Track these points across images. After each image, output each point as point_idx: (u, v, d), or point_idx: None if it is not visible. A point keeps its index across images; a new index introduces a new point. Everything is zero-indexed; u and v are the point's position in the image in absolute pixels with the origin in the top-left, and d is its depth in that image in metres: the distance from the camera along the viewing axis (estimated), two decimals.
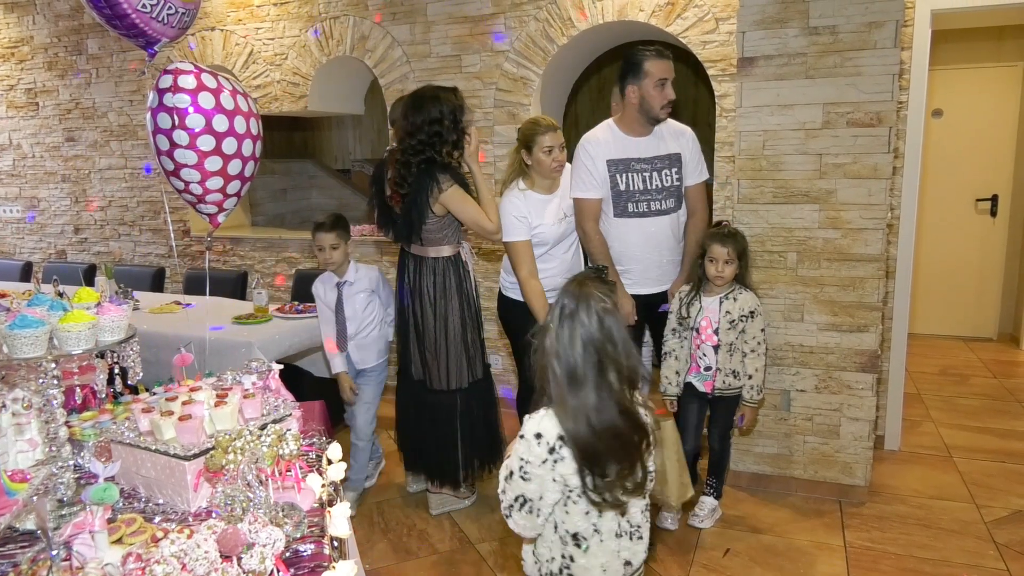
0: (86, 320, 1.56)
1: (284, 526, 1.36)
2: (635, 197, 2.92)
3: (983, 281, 5.50)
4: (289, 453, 1.46)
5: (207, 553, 1.18)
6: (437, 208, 2.79)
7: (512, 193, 2.88)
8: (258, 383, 1.84)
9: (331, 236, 2.99)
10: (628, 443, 1.49)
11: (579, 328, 1.47)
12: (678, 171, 2.95)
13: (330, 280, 3.09)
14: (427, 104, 2.77)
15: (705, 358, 2.85)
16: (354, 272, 3.09)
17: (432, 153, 2.77)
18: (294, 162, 7.00)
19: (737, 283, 2.81)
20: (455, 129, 2.80)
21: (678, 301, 2.88)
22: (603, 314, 1.48)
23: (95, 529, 1.28)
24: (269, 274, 5.05)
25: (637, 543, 1.60)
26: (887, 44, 2.87)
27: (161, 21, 2.35)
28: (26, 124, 5.80)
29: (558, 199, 2.91)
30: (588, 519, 1.53)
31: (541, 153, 2.79)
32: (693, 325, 2.84)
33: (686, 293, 2.86)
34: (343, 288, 3.06)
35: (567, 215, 2.92)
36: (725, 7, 3.52)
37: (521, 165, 2.87)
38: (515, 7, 3.98)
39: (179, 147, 2.32)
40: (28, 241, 6.07)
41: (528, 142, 2.81)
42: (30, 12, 5.55)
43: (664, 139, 2.94)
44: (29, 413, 1.53)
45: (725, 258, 2.74)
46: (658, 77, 2.79)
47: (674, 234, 3.00)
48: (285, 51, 4.64)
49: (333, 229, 3.00)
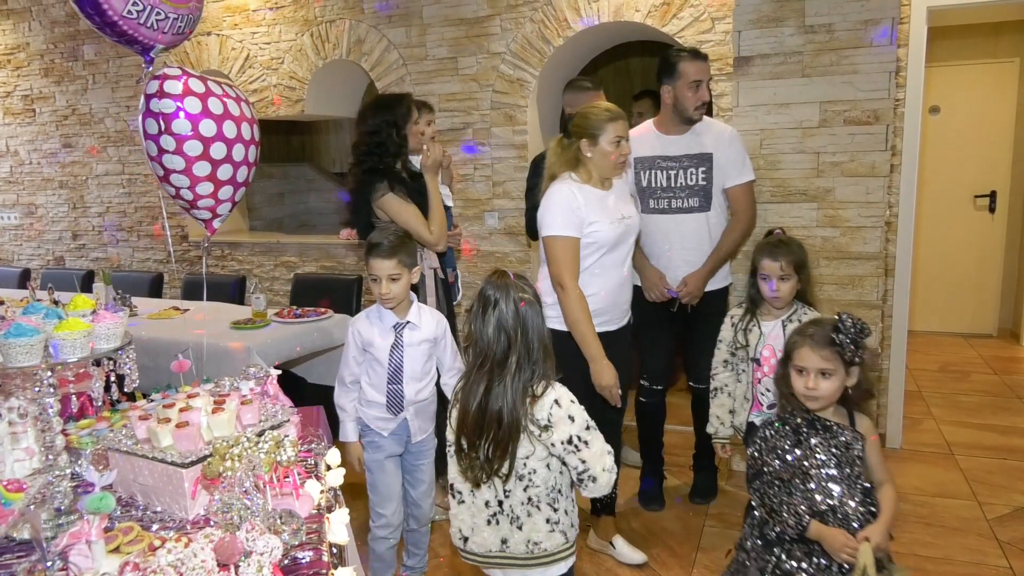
0: (81, 328, 1.55)
1: (282, 533, 1.35)
2: (656, 194, 2.90)
3: (982, 277, 5.50)
4: (287, 459, 1.45)
5: (204, 562, 1.17)
6: (379, 213, 2.80)
7: (564, 182, 2.43)
8: (256, 389, 1.83)
9: (390, 264, 2.20)
10: (506, 431, 1.64)
11: (495, 314, 1.66)
12: (706, 171, 2.87)
13: (385, 320, 2.28)
14: (368, 116, 2.84)
15: (768, 394, 2.36)
16: (417, 314, 2.30)
17: (373, 162, 2.80)
18: (291, 166, 6.99)
19: (798, 301, 2.36)
20: (396, 137, 2.81)
21: (730, 328, 2.45)
22: (518, 304, 1.66)
23: (91, 538, 1.27)
24: (268, 278, 5.04)
25: (516, 531, 1.71)
26: (883, 42, 2.87)
27: (150, 27, 2.34)
28: (23, 131, 5.79)
29: (614, 197, 2.52)
30: (463, 477, 1.72)
31: (608, 144, 2.38)
32: (753, 355, 2.39)
33: (739, 318, 2.43)
34: (403, 333, 2.28)
35: (625, 216, 2.50)
36: (721, 6, 3.52)
37: (575, 158, 2.45)
38: (511, 8, 3.98)
39: (167, 152, 2.31)
40: (26, 248, 6.06)
41: (592, 130, 2.40)
42: (26, 19, 5.55)
43: (700, 138, 2.88)
44: (25, 422, 1.53)
45: (779, 273, 2.28)
46: (692, 78, 2.77)
47: (701, 234, 2.90)
48: (281, 55, 4.64)
49: (393, 255, 2.20)
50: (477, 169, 4.24)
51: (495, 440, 1.64)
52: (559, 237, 2.37)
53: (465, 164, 4.23)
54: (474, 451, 1.66)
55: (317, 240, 4.95)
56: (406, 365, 2.29)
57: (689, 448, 3.23)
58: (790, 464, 1.81)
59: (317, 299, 3.84)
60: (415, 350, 2.30)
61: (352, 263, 4.75)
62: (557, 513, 1.72)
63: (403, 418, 2.33)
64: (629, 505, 3.15)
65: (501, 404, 1.63)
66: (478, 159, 4.22)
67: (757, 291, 2.37)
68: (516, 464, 1.66)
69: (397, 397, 2.30)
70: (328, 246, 4.82)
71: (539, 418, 1.64)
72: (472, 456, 1.67)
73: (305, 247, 4.90)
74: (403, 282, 2.23)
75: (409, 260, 2.25)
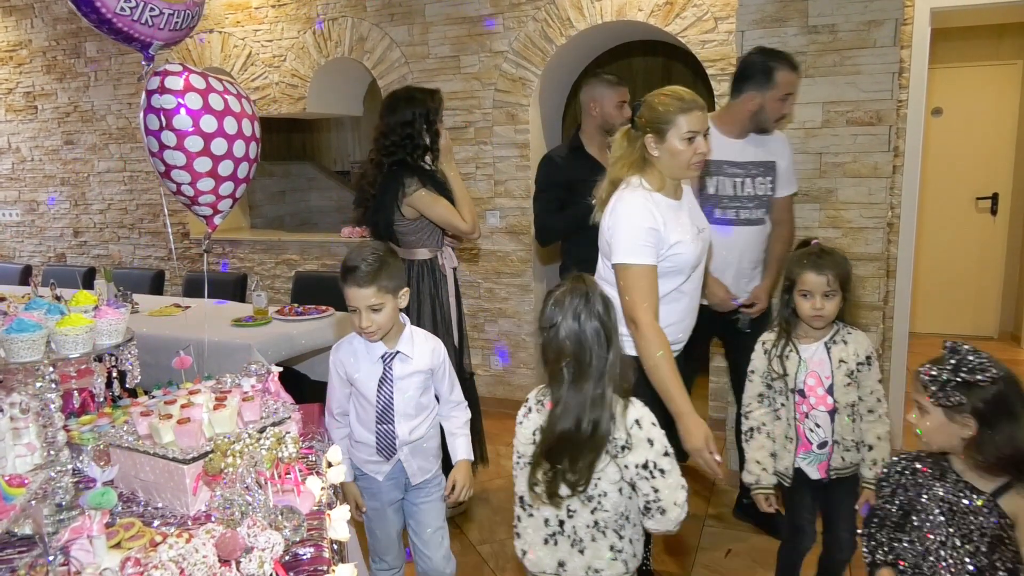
0: (83, 324, 1.55)
1: (283, 529, 1.35)
2: (723, 203, 2.67)
3: (984, 280, 5.50)
4: (288, 456, 1.45)
5: (205, 558, 1.17)
6: (406, 211, 2.74)
7: (635, 193, 1.99)
8: (257, 386, 1.83)
9: (369, 293, 1.84)
10: (590, 445, 1.56)
11: (587, 318, 1.56)
12: (772, 180, 2.70)
13: (371, 349, 1.95)
14: (400, 106, 2.76)
15: (818, 430, 2.02)
16: (410, 342, 1.97)
17: (404, 155, 2.74)
18: (293, 164, 6.99)
19: (838, 320, 2.05)
20: (428, 132, 2.76)
21: (763, 356, 2.09)
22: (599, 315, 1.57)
23: (93, 534, 1.27)
24: (268, 276, 5.04)
25: (576, 555, 1.63)
26: (887, 42, 2.86)
27: (144, 23, 2.33)
28: (25, 128, 5.79)
29: (687, 206, 2.12)
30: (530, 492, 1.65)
31: (679, 141, 1.96)
32: (794, 386, 2.03)
33: (772, 343, 2.08)
34: (392, 365, 1.95)
35: (702, 229, 2.11)
36: (724, 6, 3.52)
37: (640, 157, 2.03)
38: (513, 7, 3.98)
39: (168, 148, 2.31)
40: (28, 244, 6.06)
41: (659, 123, 1.97)
42: (28, 16, 5.55)
43: (767, 145, 2.69)
44: (27, 417, 1.53)
45: (824, 289, 1.96)
46: (785, 91, 2.60)
47: (761, 247, 2.75)
48: (283, 52, 4.64)
49: (373, 281, 1.83)
50: (479, 168, 4.24)
51: (579, 454, 1.55)
52: (633, 266, 1.94)
53: (467, 163, 4.23)
54: (557, 464, 1.57)
55: (318, 238, 4.95)
56: (397, 402, 1.96)
57: None
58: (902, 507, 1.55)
59: (318, 297, 3.84)
60: (407, 383, 1.96)
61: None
62: (622, 541, 1.62)
63: (397, 460, 2.03)
64: None
65: (585, 417, 1.54)
66: (480, 158, 4.22)
67: (793, 311, 2.03)
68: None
69: (388, 438, 1.98)
70: (329, 244, 4.82)
71: (617, 437, 1.56)
72: (555, 470, 1.57)
73: (306, 245, 4.91)
74: (387, 311, 1.87)
75: (393, 283, 1.88)
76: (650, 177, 2.02)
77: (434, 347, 2.03)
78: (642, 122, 2.00)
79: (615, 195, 2.03)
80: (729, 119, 2.68)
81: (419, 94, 2.81)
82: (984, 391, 1.41)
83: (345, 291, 1.87)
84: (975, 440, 1.43)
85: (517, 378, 4.32)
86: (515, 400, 4.29)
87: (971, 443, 1.44)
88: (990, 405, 1.41)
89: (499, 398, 4.33)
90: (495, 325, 4.33)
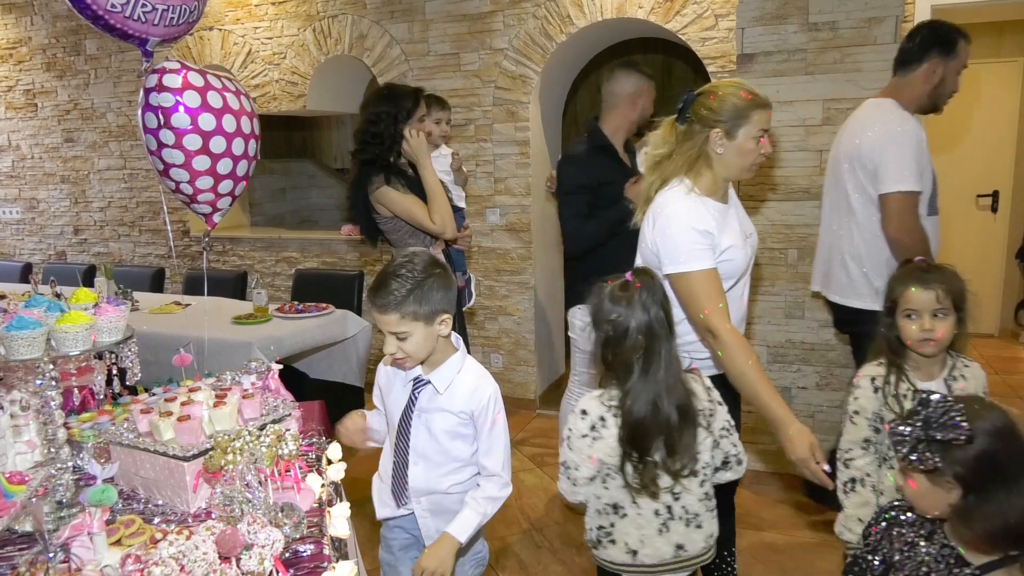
0: (84, 321, 1.55)
1: (283, 527, 1.35)
2: (936, 192, 2.51)
3: (984, 277, 5.49)
4: (288, 453, 1.45)
5: (206, 554, 1.17)
6: (379, 208, 2.72)
7: (688, 197, 1.83)
8: (257, 383, 1.83)
9: (393, 319, 1.56)
10: (683, 424, 1.59)
11: (660, 309, 1.59)
12: None
13: (403, 372, 1.70)
14: (371, 103, 2.76)
15: None
16: (449, 373, 1.66)
17: (370, 154, 2.72)
18: (293, 161, 6.99)
19: (951, 349, 1.76)
20: (394, 130, 2.69)
21: (872, 393, 1.77)
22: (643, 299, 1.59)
23: (93, 531, 1.28)
24: (269, 274, 5.04)
25: (694, 531, 1.65)
26: (887, 40, 2.86)
27: (137, 19, 2.32)
28: (25, 125, 5.79)
29: (734, 208, 1.97)
30: (627, 492, 1.63)
31: (749, 139, 1.82)
32: None
33: (883, 379, 1.77)
34: (418, 393, 1.68)
35: (749, 234, 1.98)
36: (724, 3, 3.51)
37: (697, 154, 1.86)
38: (513, 4, 3.97)
39: (166, 146, 2.31)
40: (28, 242, 6.06)
41: (730, 118, 1.81)
42: (28, 13, 5.54)
43: None
44: (27, 415, 1.53)
45: (933, 306, 1.67)
46: (963, 63, 2.43)
47: None
48: (283, 50, 4.63)
49: (399, 307, 1.55)
50: (479, 165, 4.24)
51: (674, 441, 1.58)
52: (693, 273, 1.79)
53: (467, 160, 4.23)
54: (648, 457, 1.58)
55: (318, 236, 4.95)
56: (415, 439, 1.67)
57: None
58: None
59: (318, 295, 3.84)
60: (433, 420, 1.66)
61: (353, 259, 4.75)
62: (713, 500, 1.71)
63: (411, 512, 1.73)
64: None
65: (664, 404, 1.57)
66: (480, 155, 4.22)
67: (898, 337, 1.74)
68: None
69: (399, 479, 1.69)
70: (329, 242, 4.82)
71: (702, 408, 1.63)
72: (645, 463, 1.59)
73: (306, 243, 4.90)
74: (417, 339, 1.57)
75: (425, 309, 1.56)
76: (701, 178, 1.85)
77: (477, 388, 1.66)
78: (706, 115, 1.82)
79: (659, 199, 1.86)
80: (907, 97, 2.41)
81: (392, 92, 2.77)
82: (962, 451, 1.16)
83: (372, 312, 1.61)
84: (958, 510, 1.19)
85: (518, 376, 4.33)
86: (515, 398, 4.30)
87: (955, 512, 1.20)
88: (972, 468, 1.16)
89: None
90: (495, 323, 4.33)
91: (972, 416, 1.15)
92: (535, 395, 4.32)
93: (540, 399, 4.37)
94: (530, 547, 2.85)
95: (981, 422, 1.16)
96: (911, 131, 2.34)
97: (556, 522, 3.03)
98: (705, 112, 1.83)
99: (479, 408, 1.65)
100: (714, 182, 1.87)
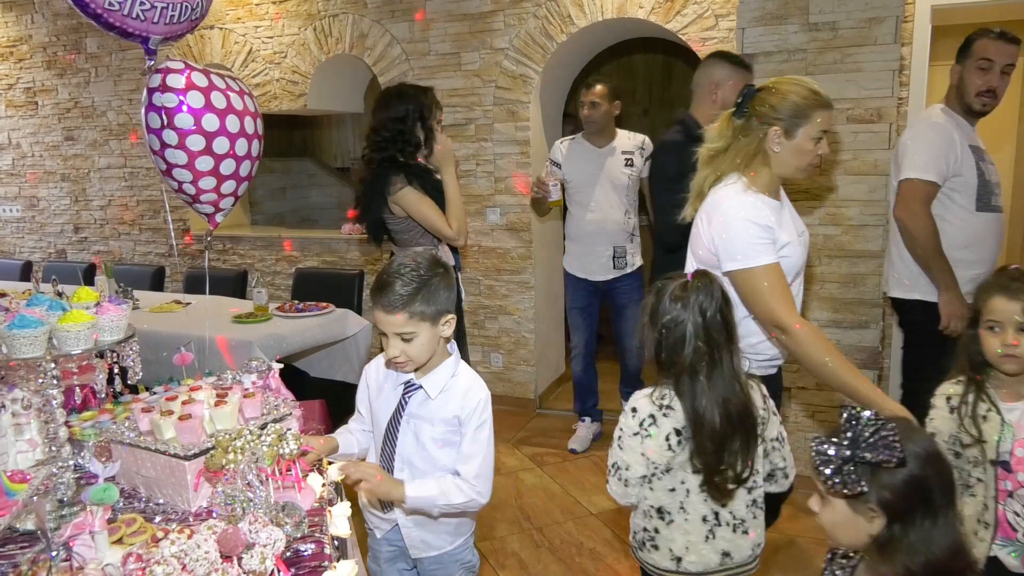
0: (85, 320, 1.55)
1: (284, 526, 1.36)
2: (995, 190, 2.58)
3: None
4: (289, 452, 1.46)
5: (207, 553, 1.17)
6: (394, 209, 2.72)
7: (746, 194, 1.79)
8: (258, 382, 1.83)
9: (400, 320, 1.52)
10: (745, 430, 1.55)
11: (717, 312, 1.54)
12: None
13: (397, 374, 1.66)
14: (393, 102, 2.74)
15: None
16: (442, 378, 1.62)
17: (394, 151, 2.71)
18: (293, 160, 6.99)
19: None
20: (423, 128, 2.73)
21: (948, 413, 1.66)
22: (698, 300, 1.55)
23: (95, 529, 1.28)
24: (269, 272, 5.05)
25: (741, 537, 1.62)
26: (887, 40, 2.86)
27: (136, 17, 2.31)
28: (25, 123, 5.79)
29: (787, 206, 1.95)
30: (674, 496, 1.60)
31: (808, 140, 1.77)
32: (995, 457, 1.60)
33: (959, 397, 1.65)
34: (408, 398, 1.65)
35: (801, 232, 1.96)
36: (724, 3, 3.51)
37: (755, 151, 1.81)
38: (514, 4, 3.97)
39: (169, 147, 2.31)
40: (28, 240, 6.06)
41: (795, 117, 1.76)
42: (28, 11, 5.54)
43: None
44: (28, 413, 1.53)
45: (1019, 320, 1.55)
46: (981, 55, 2.51)
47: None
48: (284, 49, 4.63)
49: (406, 306, 1.51)
50: (479, 165, 4.24)
51: (738, 444, 1.54)
52: (756, 268, 1.73)
53: (467, 160, 4.23)
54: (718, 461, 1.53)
55: (319, 235, 4.95)
56: (402, 445, 1.62)
57: None
58: None
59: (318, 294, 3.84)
60: (422, 427, 1.61)
61: (354, 258, 4.76)
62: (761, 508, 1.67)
63: (395, 522, 1.68)
64: None
65: (732, 407, 1.53)
66: (480, 155, 4.22)
67: (981, 353, 1.60)
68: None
69: None
70: (330, 241, 4.82)
71: (758, 416, 1.59)
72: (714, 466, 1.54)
73: (306, 242, 4.91)
74: (422, 340, 1.53)
75: (432, 308, 1.53)
76: (758, 175, 1.80)
77: (469, 390, 1.61)
78: (765, 112, 1.77)
79: (714, 195, 1.82)
80: (949, 101, 2.65)
81: (411, 90, 2.78)
82: (891, 475, 1.06)
83: (374, 312, 1.56)
84: (879, 541, 1.09)
85: (517, 375, 4.33)
86: (515, 397, 4.31)
87: (875, 544, 1.10)
88: (900, 493, 1.06)
89: (499, 395, 4.33)
90: (495, 322, 4.34)
91: (904, 438, 1.06)
92: (535, 395, 4.33)
93: (540, 399, 4.37)
94: (530, 546, 2.86)
95: (912, 445, 1.07)
96: (940, 126, 2.49)
97: (556, 521, 3.03)
98: (765, 109, 1.78)
99: (468, 410, 1.60)
100: (771, 179, 1.83)
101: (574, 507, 3.14)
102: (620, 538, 2.88)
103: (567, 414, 4.13)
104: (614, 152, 3.60)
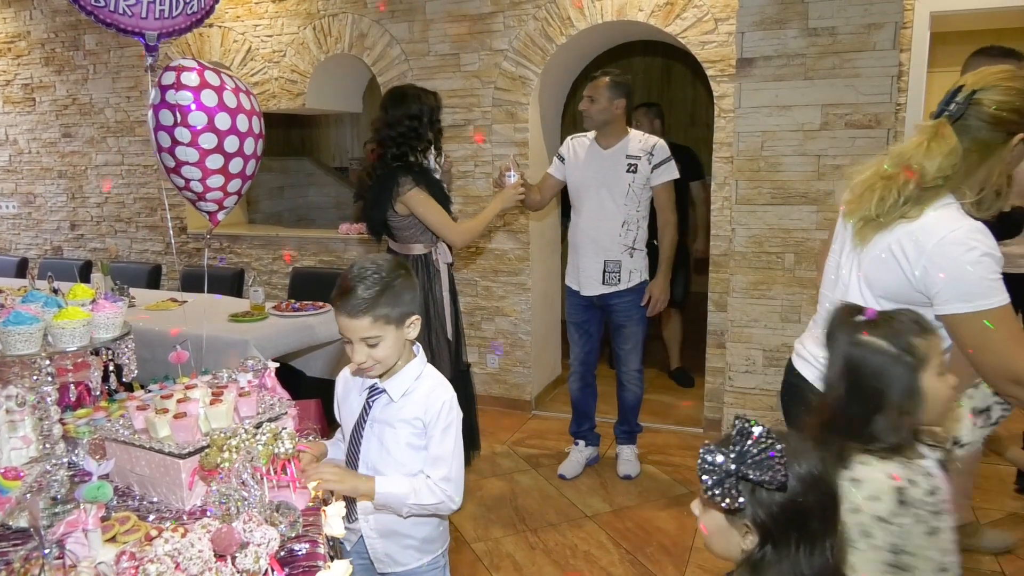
0: (81, 317, 1.55)
1: (279, 525, 1.35)
2: None
3: None
4: (284, 452, 1.45)
5: (201, 552, 1.17)
6: (399, 207, 2.77)
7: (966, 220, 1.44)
8: (254, 381, 1.83)
9: (364, 324, 1.49)
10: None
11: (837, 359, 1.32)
12: None
13: (360, 379, 1.66)
14: (408, 100, 2.79)
15: None
16: (405, 381, 1.59)
17: (406, 148, 2.77)
18: (291, 160, 6.99)
19: None
20: (432, 128, 2.83)
21: None
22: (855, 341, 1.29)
23: (88, 527, 1.28)
24: (266, 271, 5.04)
25: None
26: (886, 46, 2.87)
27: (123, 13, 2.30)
28: (23, 120, 5.78)
29: None
30: None
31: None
32: None
33: None
34: (374, 401, 1.62)
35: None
36: (724, 7, 3.52)
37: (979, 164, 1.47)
38: (514, 6, 3.98)
39: (180, 144, 2.31)
40: (24, 237, 6.05)
41: None
42: (27, 7, 5.53)
43: None
44: (23, 410, 1.53)
45: None
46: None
47: None
48: (283, 48, 4.63)
49: (370, 309, 1.48)
50: (478, 166, 4.24)
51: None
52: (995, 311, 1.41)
53: (465, 161, 4.23)
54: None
55: (316, 234, 4.94)
56: (365, 450, 1.59)
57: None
58: None
59: (315, 293, 3.84)
60: (385, 432, 1.58)
61: (351, 257, 4.75)
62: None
63: (360, 534, 1.64)
64: (624, 504, 3.16)
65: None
66: (479, 156, 4.22)
67: None
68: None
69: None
70: (327, 240, 4.81)
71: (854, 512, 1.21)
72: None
73: (304, 241, 4.90)
74: (388, 343, 1.51)
75: (397, 311, 1.50)
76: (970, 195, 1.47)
77: (431, 392, 1.58)
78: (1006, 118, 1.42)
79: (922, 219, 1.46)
80: None
81: (423, 92, 2.86)
82: (769, 495, 1.01)
83: (337, 317, 1.51)
84: (750, 560, 1.04)
85: (513, 376, 4.33)
86: (510, 398, 4.31)
87: (746, 562, 1.05)
88: (775, 515, 1.02)
89: (495, 396, 4.33)
90: (492, 323, 4.33)
91: (790, 458, 1.01)
92: (531, 396, 4.33)
93: (536, 400, 4.37)
94: (524, 548, 2.86)
95: (797, 467, 1.02)
96: None
97: (550, 523, 3.03)
98: (1006, 114, 1.42)
99: (432, 413, 1.56)
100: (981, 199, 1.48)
101: (569, 509, 3.14)
102: (615, 541, 2.88)
103: (563, 416, 4.12)
104: (618, 156, 3.22)
